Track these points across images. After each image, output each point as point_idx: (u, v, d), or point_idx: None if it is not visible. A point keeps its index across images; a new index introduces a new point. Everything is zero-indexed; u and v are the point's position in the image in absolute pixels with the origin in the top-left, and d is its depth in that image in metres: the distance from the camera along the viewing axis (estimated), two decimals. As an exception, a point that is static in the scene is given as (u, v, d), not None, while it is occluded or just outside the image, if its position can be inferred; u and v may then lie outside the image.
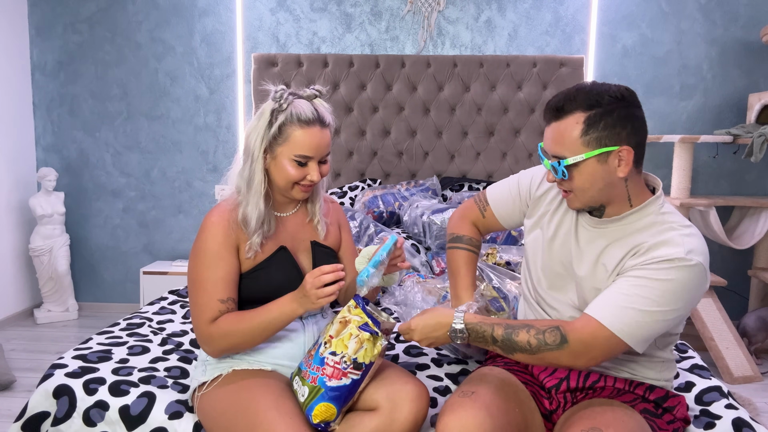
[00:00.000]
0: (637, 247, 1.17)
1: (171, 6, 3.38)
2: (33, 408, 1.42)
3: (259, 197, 1.32)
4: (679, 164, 2.95)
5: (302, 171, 1.32)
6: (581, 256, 1.27)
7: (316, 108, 1.32)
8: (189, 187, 3.51)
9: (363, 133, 3.25)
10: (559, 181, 1.23)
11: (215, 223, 1.33)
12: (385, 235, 1.31)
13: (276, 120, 1.30)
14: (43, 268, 3.35)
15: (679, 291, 1.11)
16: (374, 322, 1.24)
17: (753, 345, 2.89)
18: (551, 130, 1.20)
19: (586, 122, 1.15)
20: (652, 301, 1.11)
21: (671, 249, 1.12)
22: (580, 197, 1.21)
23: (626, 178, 1.19)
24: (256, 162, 1.32)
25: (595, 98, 1.14)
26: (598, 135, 1.14)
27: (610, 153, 1.15)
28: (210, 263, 1.30)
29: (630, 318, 1.11)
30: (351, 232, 1.59)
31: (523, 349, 1.16)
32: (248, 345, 1.31)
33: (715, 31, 3.23)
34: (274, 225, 1.37)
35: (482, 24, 3.31)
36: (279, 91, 1.31)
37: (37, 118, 3.52)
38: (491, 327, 1.19)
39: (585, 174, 1.17)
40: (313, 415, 1.22)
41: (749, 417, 1.36)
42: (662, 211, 1.21)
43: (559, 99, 1.18)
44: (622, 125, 1.15)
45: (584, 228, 1.28)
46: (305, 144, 1.29)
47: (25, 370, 2.71)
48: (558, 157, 1.19)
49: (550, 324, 1.17)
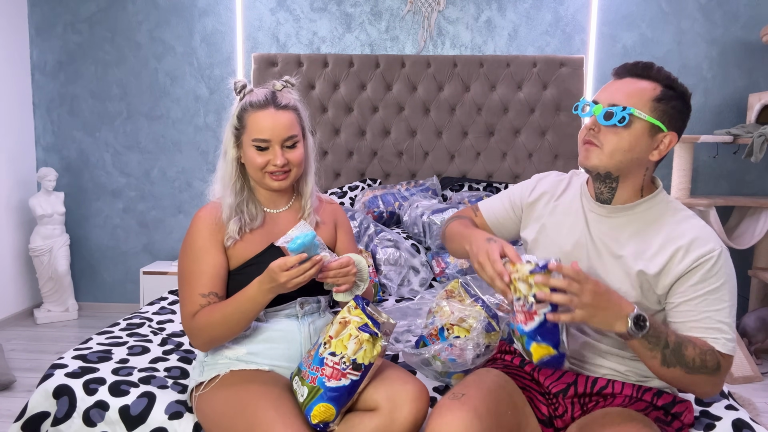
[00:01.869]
0: (676, 251, 1.18)
1: (171, 6, 3.37)
2: (33, 408, 1.42)
3: (230, 189, 1.37)
4: (679, 164, 2.95)
5: (265, 156, 1.34)
6: (598, 251, 1.26)
7: (274, 92, 1.36)
8: (189, 187, 3.51)
9: (363, 133, 3.25)
10: (599, 129, 1.20)
11: (202, 218, 1.37)
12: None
13: (236, 111, 1.36)
14: (43, 268, 3.35)
15: (733, 280, 1.19)
16: (374, 323, 1.24)
17: (753, 345, 2.89)
18: (625, 83, 1.20)
19: (662, 93, 1.18)
20: (728, 304, 1.17)
21: (707, 244, 1.17)
22: (609, 155, 1.19)
23: (648, 167, 1.22)
24: (229, 155, 1.38)
25: (674, 82, 1.19)
26: (665, 110, 1.18)
27: (660, 131, 1.18)
28: (194, 257, 1.33)
29: (726, 333, 1.16)
30: (351, 234, 1.57)
31: (685, 364, 1.11)
32: (228, 334, 1.31)
33: (715, 31, 3.23)
34: (260, 218, 1.40)
35: (482, 24, 3.30)
36: (239, 82, 1.37)
37: (37, 118, 3.52)
38: (666, 330, 1.12)
39: (633, 134, 1.18)
40: (312, 416, 1.22)
41: (749, 418, 1.36)
42: (669, 200, 1.26)
43: (638, 64, 1.21)
44: (682, 116, 1.20)
45: (595, 221, 1.28)
46: (259, 127, 1.33)
47: (25, 370, 2.71)
48: (623, 106, 1.18)
49: (705, 345, 1.15)
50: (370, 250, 2.51)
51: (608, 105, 1.19)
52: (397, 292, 2.43)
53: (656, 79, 1.19)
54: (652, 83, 1.19)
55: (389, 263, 2.45)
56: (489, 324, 1.49)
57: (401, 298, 2.37)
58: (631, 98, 1.18)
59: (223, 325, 1.28)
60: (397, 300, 2.34)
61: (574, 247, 1.29)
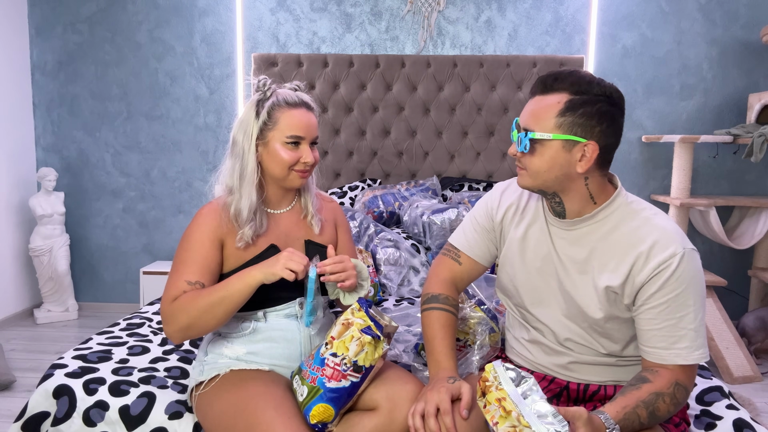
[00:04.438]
0: (636, 258, 1.15)
1: (171, 6, 3.37)
2: (33, 408, 1.42)
3: (251, 188, 1.35)
4: (679, 164, 2.95)
5: (296, 153, 1.35)
6: (565, 268, 1.24)
7: (300, 93, 1.39)
8: (189, 187, 3.51)
9: (363, 133, 3.25)
10: (520, 155, 1.19)
11: (204, 214, 1.36)
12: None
13: (263, 108, 1.35)
14: (43, 268, 3.35)
15: (698, 282, 1.14)
16: (377, 326, 1.24)
17: (752, 345, 2.88)
18: (532, 103, 1.18)
19: (566, 104, 1.13)
20: (692, 309, 1.13)
21: (668, 248, 1.13)
22: (533, 177, 1.18)
23: (586, 176, 1.17)
24: (248, 154, 1.35)
25: (585, 86, 1.13)
26: (573, 121, 1.12)
27: (576, 144, 1.13)
28: (188, 246, 1.32)
29: (690, 340, 1.13)
30: (350, 233, 1.58)
31: (662, 416, 1.12)
32: (207, 323, 1.25)
33: (715, 31, 3.23)
34: (266, 222, 1.38)
35: (482, 24, 3.30)
36: (261, 79, 1.37)
37: (37, 118, 3.52)
38: (634, 412, 1.08)
39: (546, 155, 1.15)
40: (311, 416, 1.22)
41: (750, 418, 1.36)
42: (628, 201, 1.21)
43: (550, 75, 1.16)
44: (599, 121, 1.12)
45: (558, 235, 1.25)
46: (295, 124, 1.34)
47: (25, 370, 2.71)
48: (527, 131, 1.16)
49: (669, 381, 1.12)
50: (370, 250, 2.51)
51: (522, 128, 1.18)
52: (397, 292, 2.43)
53: (562, 89, 1.13)
54: (558, 95, 1.14)
55: (389, 263, 2.45)
56: (490, 327, 1.49)
57: (401, 298, 2.37)
58: (535, 120, 1.15)
59: (205, 309, 1.23)
60: (397, 300, 2.34)
61: (543, 262, 1.27)
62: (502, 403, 1.00)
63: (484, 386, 1.05)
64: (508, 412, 0.99)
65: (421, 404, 1.14)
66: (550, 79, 1.15)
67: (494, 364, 1.06)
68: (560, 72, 1.16)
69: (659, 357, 1.15)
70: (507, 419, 0.99)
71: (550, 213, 1.26)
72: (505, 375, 1.03)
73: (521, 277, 1.31)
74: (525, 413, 0.97)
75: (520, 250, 1.31)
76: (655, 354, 1.15)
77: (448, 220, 2.54)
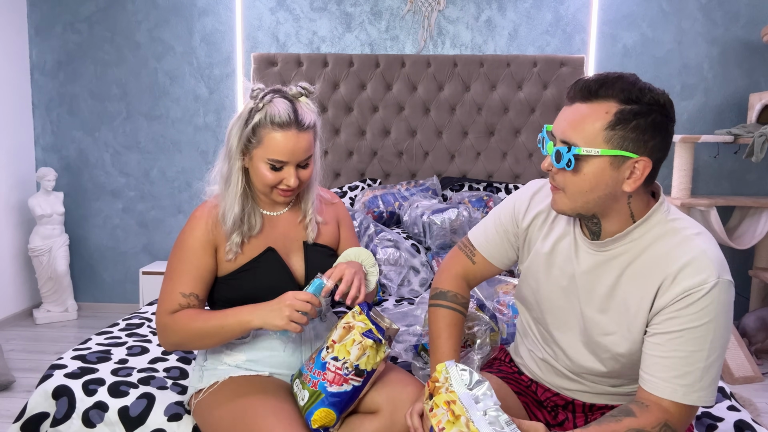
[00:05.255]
0: (663, 280, 1.02)
1: (170, 6, 3.37)
2: (32, 409, 1.42)
3: (234, 198, 1.30)
4: (679, 164, 2.94)
5: (278, 175, 1.26)
6: (589, 291, 1.13)
7: (296, 109, 1.24)
8: (188, 187, 3.51)
9: (363, 133, 3.25)
10: (556, 171, 1.05)
11: (198, 218, 1.32)
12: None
13: (252, 120, 1.24)
14: (42, 268, 3.35)
15: (724, 319, 1.00)
16: (378, 329, 1.22)
17: (753, 345, 2.88)
18: (573, 110, 1.02)
19: (617, 115, 0.98)
20: (707, 347, 0.99)
21: (700, 273, 0.99)
22: (572, 199, 1.04)
23: (631, 194, 1.03)
24: (234, 161, 1.28)
25: (637, 93, 0.98)
26: (624, 135, 0.98)
27: (626, 160, 0.99)
28: (183, 255, 1.30)
29: (695, 378, 0.99)
30: (353, 229, 1.53)
31: None
32: (199, 346, 1.28)
33: (716, 30, 3.23)
34: (259, 224, 1.34)
35: (482, 24, 3.30)
36: (257, 90, 1.26)
37: (36, 117, 3.51)
38: None
39: (591, 173, 1.00)
40: (313, 420, 1.20)
41: (751, 419, 1.35)
42: (669, 218, 1.07)
43: (595, 80, 1.00)
44: (653, 134, 0.98)
45: (586, 253, 1.13)
46: (279, 148, 1.23)
47: (25, 370, 2.70)
48: (568, 144, 1.01)
49: (657, 420, 0.99)
50: (370, 250, 2.50)
51: (560, 140, 1.03)
52: (397, 292, 2.42)
53: (609, 96, 0.99)
54: (605, 104, 0.99)
55: (389, 263, 2.44)
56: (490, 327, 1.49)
57: (401, 299, 2.37)
58: (577, 132, 1.00)
59: (198, 334, 1.24)
60: (397, 300, 2.33)
61: (570, 282, 1.15)
62: (452, 406, 0.90)
63: (432, 387, 0.96)
64: (456, 417, 0.89)
65: (420, 404, 1.10)
66: (595, 85, 1.00)
67: (446, 363, 0.97)
68: (606, 76, 1.01)
69: (654, 387, 1.01)
70: (455, 425, 0.88)
71: (582, 231, 1.14)
72: (457, 375, 0.94)
73: (545, 294, 1.21)
74: (475, 419, 0.87)
75: (546, 266, 1.20)
76: (651, 383, 1.02)
77: (448, 220, 2.54)
